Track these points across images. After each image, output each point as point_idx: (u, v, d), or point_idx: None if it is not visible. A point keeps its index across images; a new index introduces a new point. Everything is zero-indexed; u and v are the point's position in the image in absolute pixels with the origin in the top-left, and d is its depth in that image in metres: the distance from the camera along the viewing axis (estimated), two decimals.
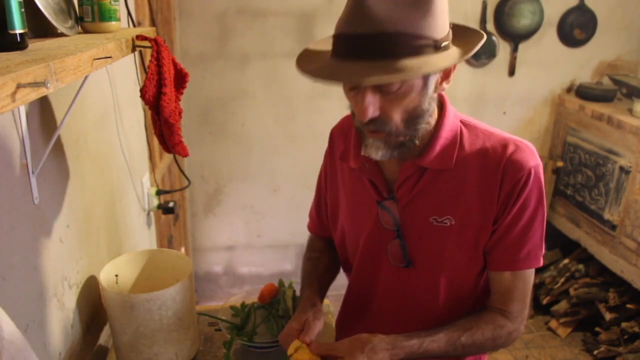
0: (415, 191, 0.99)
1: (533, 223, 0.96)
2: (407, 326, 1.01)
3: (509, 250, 0.98)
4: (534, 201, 0.95)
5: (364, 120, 0.86)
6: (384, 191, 1.02)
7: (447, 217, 0.98)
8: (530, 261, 0.98)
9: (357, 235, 1.12)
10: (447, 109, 0.98)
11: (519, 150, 0.94)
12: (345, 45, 0.82)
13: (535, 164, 0.94)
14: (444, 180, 0.97)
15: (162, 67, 1.08)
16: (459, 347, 0.96)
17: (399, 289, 1.08)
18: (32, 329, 0.91)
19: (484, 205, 0.96)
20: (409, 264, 1.04)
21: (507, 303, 1.00)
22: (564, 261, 2.95)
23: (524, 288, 1.00)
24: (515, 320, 1.00)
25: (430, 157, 0.96)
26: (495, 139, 0.97)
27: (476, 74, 2.81)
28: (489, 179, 0.95)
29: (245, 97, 2.71)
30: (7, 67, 0.58)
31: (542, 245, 0.99)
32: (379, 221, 1.04)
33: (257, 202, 2.93)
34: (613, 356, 2.53)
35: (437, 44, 0.82)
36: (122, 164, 1.50)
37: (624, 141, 2.45)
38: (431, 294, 1.05)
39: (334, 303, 1.34)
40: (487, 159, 0.95)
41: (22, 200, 0.89)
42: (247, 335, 1.20)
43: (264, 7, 2.56)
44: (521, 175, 0.93)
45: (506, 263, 0.99)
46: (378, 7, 0.79)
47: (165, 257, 1.25)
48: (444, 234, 0.99)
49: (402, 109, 0.87)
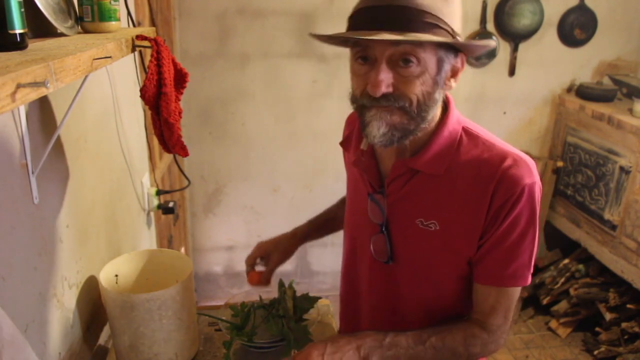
0: (404, 190, 0.98)
1: (522, 242, 0.93)
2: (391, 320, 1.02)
3: (496, 265, 0.95)
4: (525, 220, 0.91)
5: (376, 94, 0.83)
6: (376, 185, 1.02)
7: (433, 221, 0.96)
8: (516, 280, 0.95)
9: (350, 226, 1.14)
10: (451, 112, 0.96)
11: (516, 166, 0.90)
12: (367, 16, 0.83)
13: (530, 182, 0.89)
14: (434, 185, 0.95)
15: (162, 67, 1.08)
16: (429, 347, 0.93)
17: (380, 283, 1.07)
18: (32, 329, 0.90)
19: (471, 216, 0.93)
20: (389, 259, 1.03)
21: (487, 317, 0.97)
22: (564, 261, 2.96)
23: (507, 305, 0.97)
24: (493, 334, 0.97)
25: (423, 159, 0.94)
26: (494, 150, 0.93)
27: (476, 74, 2.81)
28: (480, 191, 0.91)
29: (245, 97, 2.71)
30: (6, 67, 0.58)
31: (530, 265, 0.96)
32: (367, 214, 1.05)
33: (257, 202, 2.93)
34: (613, 356, 2.53)
35: (453, 33, 0.85)
36: (122, 164, 1.50)
37: (624, 141, 2.45)
38: (412, 293, 1.04)
39: (334, 303, 1.34)
40: (481, 169, 0.91)
41: (22, 200, 0.89)
42: (246, 335, 1.20)
43: (264, 7, 2.56)
44: (514, 191, 0.89)
45: (491, 278, 0.96)
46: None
47: (165, 257, 1.25)
48: (428, 237, 0.97)
49: (416, 89, 0.85)
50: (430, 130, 0.95)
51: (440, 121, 0.96)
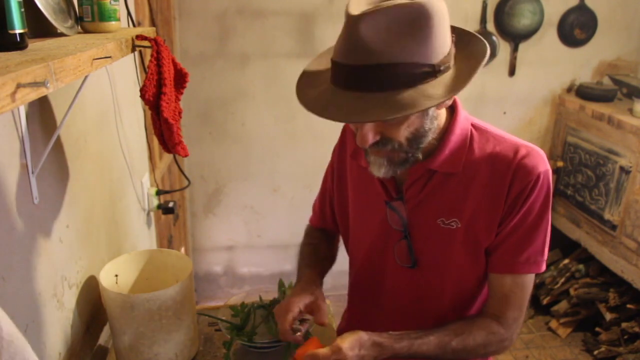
0: (423, 193, 0.99)
1: (537, 228, 0.96)
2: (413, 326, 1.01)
3: (510, 252, 0.98)
4: (540, 206, 0.95)
5: (365, 146, 0.88)
6: (393, 192, 1.03)
7: (454, 219, 0.98)
8: (530, 266, 0.98)
9: (363, 234, 1.12)
10: (459, 112, 0.98)
11: (529, 156, 0.94)
12: (342, 74, 0.82)
13: (544, 169, 0.94)
14: (452, 183, 0.98)
15: (162, 67, 1.08)
16: (448, 351, 0.96)
17: (405, 289, 1.08)
18: (32, 329, 0.90)
19: (491, 208, 0.96)
20: (414, 264, 1.04)
21: (503, 309, 0.99)
22: (564, 261, 2.95)
23: (522, 295, 1.00)
24: (510, 328, 1.00)
25: (439, 159, 0.96)
26: (506, 143, 0.96)
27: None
28: (498, 183, 0.94)
29: (245, 97, 2.71)
30: (6, 67, 0.58)
31: (544, 251, 0.98)
32: (386, 221, 1.05)
33: (257, 202, 2.93)
34: (613, 356, 2.53)
35: (435, 69, 0.80)
36: (122, 164, 1.50)
37: (624, 141, 2.45)
38: (436, 294, 1.06)
39: (334, 303, 1.34)
40: (496, 163, 0.95)
41: (22, 200, 0.89)
42: (246, 336, 1.20)
43: (264, 7, 2.56)
44: (530, 179, 0.92)
45: (506, 265, 0.98)
46: (373, 37, 0.77)
47: (165, 257, 1.25)
48: (450, 236, 0.99)
49: (402, 132, 0.88)
50: (441, 133, 0.97)
51: (449, 121, 0.98)
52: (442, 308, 1.06)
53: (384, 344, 0.92)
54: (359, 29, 0.77)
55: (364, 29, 0.77)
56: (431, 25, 0.78)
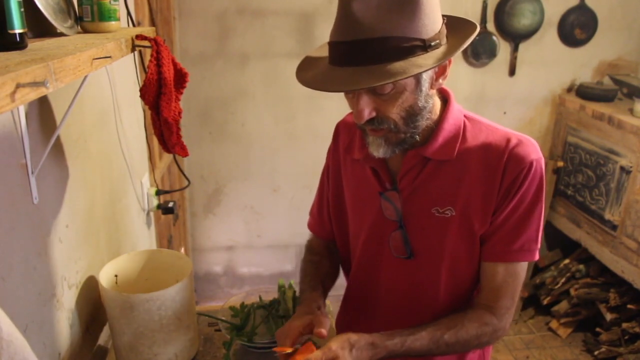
0: (417, 182, 1.00)
1: (530, 216, 0.97)
2: (409, 319, 1.02)
3: (504, 240, 0.99)
4: (533, 194, 0.96)
5: (361, 121, 0.90)
6: (387, 182, 1.04)
7: (449, 207, 0.99)
8: (524, 254, 0.99)
9: (359, 227, 1.13)
10: (452, 103, 1.00)
11: (521, 144, 0.96)
12: (337, 52, 0.86)
13: (537, 157, 0.95)
14: (446, 172, 0.99)
15: (161, 67, 1.08)
16: (442, 345, 0.96)
17: (401, 281, 1.08)
18: (32, 329, 0.90)
19: (485, 197, 0.97)
20: (410, 255, 1.04)
21: (496, 299, 1.00)
22: (564, 261, 2.95)
23: (515, 284, 1.00)
24: (502, 318, 1.00)
25: (433, 147, 0.98)
26: (498, 133, 0.99)
27: (476, 73, 2.81)
28: (491, 172, 0.96)
29: (245, 97, 2.71)
30: (6, 67, 0.58)
31: (537, 239, 1.00)
32: (381, 212, 1.05)
33: (257, 202, 2.93)
34: (614, 356, 2.53)
35: (426, 44, 0.84)
36: (121, 164, 1.50)
37: (625, 141, 2.45)
38: (433, 285, 1.06)
39: (334, 303, 1.34)
40: (489, 152, 0.97)
41: (22, 200, 0.89)
42: (246, 336, 1.20)
43: (263, 7, 2.56)
44: (522, 167, 0.94)
45: (499, 254, 0.99)
46: (364, 13, 0.81)
47: (165, 257, 1.25)
48: (445, 224, 1.00)
49: (397, 108, 0.90)
50: (434, 122, 0.99)
51: (443, 110, 1.00)
52: (438, 300, 1.07)
53: (376, 342, 0.92)
54: (351, 7, 0.82)
55: (356, 7, 0.82)
56: (420, 1, 0.83)
